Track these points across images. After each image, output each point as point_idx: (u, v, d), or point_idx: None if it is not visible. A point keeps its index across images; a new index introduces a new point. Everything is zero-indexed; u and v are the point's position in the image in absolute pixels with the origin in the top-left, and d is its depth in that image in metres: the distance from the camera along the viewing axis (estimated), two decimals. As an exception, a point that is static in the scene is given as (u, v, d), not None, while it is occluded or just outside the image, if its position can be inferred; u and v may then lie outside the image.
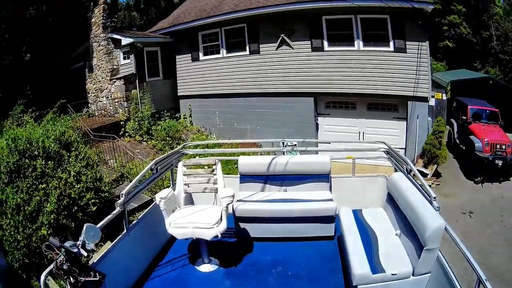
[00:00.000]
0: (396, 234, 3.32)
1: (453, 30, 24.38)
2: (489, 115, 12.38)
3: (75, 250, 2.57)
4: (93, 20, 14.11)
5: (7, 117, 12.42)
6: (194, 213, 3.70)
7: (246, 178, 4.50)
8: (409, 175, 3.58)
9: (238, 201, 4.12)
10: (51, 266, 2.56)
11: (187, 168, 4.18)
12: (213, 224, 3.42)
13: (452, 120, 13.27)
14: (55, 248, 2.57)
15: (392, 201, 3.58)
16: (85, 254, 2.64)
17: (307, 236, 4.06)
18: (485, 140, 10.76)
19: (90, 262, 2.96)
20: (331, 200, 4.04)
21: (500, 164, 10.49)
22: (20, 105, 12.83)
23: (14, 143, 6.71)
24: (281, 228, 4.05)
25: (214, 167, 4.06)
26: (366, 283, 2.82)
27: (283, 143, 4.76)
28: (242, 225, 4.15)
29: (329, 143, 5.83)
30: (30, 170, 6.54)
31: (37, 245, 6.21)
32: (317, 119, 11.51)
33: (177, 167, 4.30)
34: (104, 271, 2.75)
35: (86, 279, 2.62)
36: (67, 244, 2.57)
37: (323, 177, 4.35)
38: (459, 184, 11.53)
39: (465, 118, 12.09)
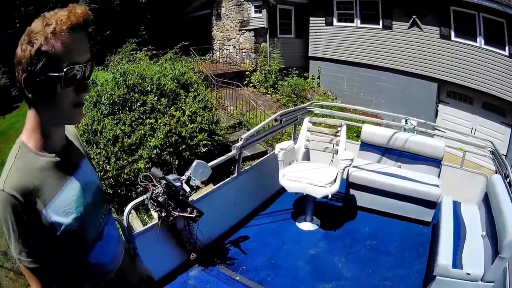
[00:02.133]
0: (481, 235, 3.31)
1: None
2: None
3: (178, 184, 2.49)
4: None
5: (116, 52, 12.46)
6: (310, 170, 3.78)
7: (366, 146, 4.54)
8: (505, 180, 3.54)
9: (353, 167, 4.16)
10: (144, 196, 2.51)
11: (313, 125, 4.26)
12: (327, 183, 3.46)
13: None
14: (153, 180, 2.49)
15: (486, 202, 3.55)
16: (187, 189, 2.57)
17: (406, 216, 4.09)
18: None
19: (190, 200, 2.93)
20: (437, 186, 4.03)
21: None
22: (132, 44, 12.91)
23: (123, 77, 6.56)
24: (386, 202, 4.07)
25: (339, 128, 4.11)
26: (444, 275, 2.85)
27: (406, 120, 4.82)
28: (352, 191, 4.21)
29: (443, 131, 6.15)
30: (138, 104, 6.41)
31: (128, 177, 6.06)
32: (437, 105, 11.60)
33: (301, 122, 4.36)
34: (203, 209, 2.76)
35: (181, 214, 2.59)
36: (170, 177, 2.50)
37: (435, 162, 4.33)
38: None
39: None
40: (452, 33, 10.97)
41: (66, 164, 1.15)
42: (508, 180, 3.49)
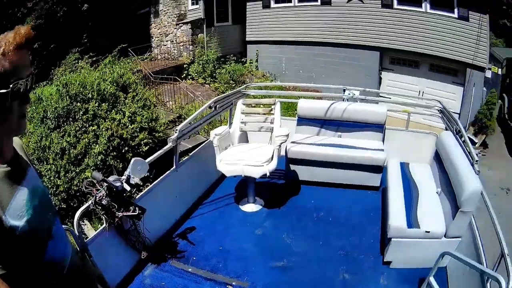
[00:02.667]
0: (436, 192, 3.30)
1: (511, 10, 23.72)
2: None
3: (118, 184, 2.51)
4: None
5: (60, 65, 12.35)
6: (246, 151, 3.73)
7: (303, 121, 4.51)
8: (457, 136, 3.53)
9: (292, 142, 4.14)
10: (89, 202, 2.49)
11: (246, 107, 4.19)
12: (264, 162, 3.42)
13: (505, 95, 13.37)
14: (96, 184, 2.50)
15: (438, 159, 3.55)
16: (128, 188, 2.58)
17: (354, 184, 4.08)
18: None
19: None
20: (382, 150, 4.03)
21: None
22: (75, 53, 12.83)
23: (66, 88, 6.61)
24: (330, 173, 4.06)
25: (273, 106, 4.07)
26: (400, 236, 2.83)
27: (344, 90, 4.78)
28: (292, 167, 4.18)
29: (389, 97, 6.00)
30: (81, 113, 6.48)
31: (78, 189, 6.10)
32: (380, 73, 11.66)
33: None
34: (147, 206, 2.73)
35: (124, 214, 2.57)
36: (110, 178, 2.52)
37: (378, 127, 4.32)
38: (502, 159, 11.49)
39: (514, 95, 12.12)
40: (395, 1, 11.00)
41: (16, 173, 1.21)
42: (460, 136, 3.47)
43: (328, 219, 3.60)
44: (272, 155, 3.51)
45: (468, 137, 12.94)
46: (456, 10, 10.33)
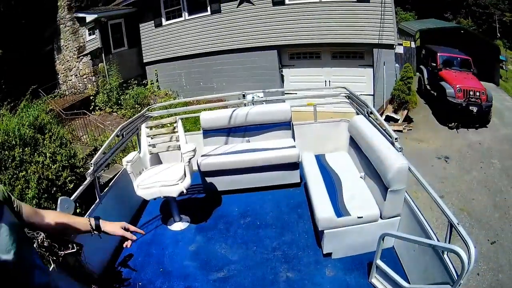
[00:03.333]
0: (360, 177, 3.30)
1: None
2: (461, 63, 12.51)
3: None
4: (58, 3, 14.05)
5: None
6: (159, 173, 3.70)
7: (209, 132, 4.48)
8: (370, 118, 3.54)
9: (202, 156, 4.10)
10: (34, 244, 2.48)
11: (150, 129, 4.17)
12: (177, 180, 3.40)
13: (422, 67, 13.32)
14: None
15: (354, 145, 3.56)
16: None
17: (274, 184, 4.07)
18: (457, 86, 10.84)
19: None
20: (293, 147, 4.02)
21: (475, 111, 10.53)
22: None
23: None
24: (247, 178, 4.04)
25: (175, 124, 4.05)
26: (331, 227, 2.80)
27: (243, 95, 4.77)
28: (208, 179, 4.14)
29: (294, 92, 5.74)
30: (9, 160, 6.51)
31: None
32: (282, 70, 11.56)
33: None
34: (83, 241, 2.69)
35: (65, 252, 2.53)
36: None
37: (285, 125, 4.33)
38: (432, 130, 11.50)
39: (434, 64, 12.16)
40: None
41: None
42: (374, 117, 3.48)
43: (256, 223, 3.59)
44: (184, 172, 3.51)
45: (388, 115, 12.33)
46: None
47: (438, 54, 12.23)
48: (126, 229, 1.99)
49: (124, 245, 2.04)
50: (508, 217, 7.39)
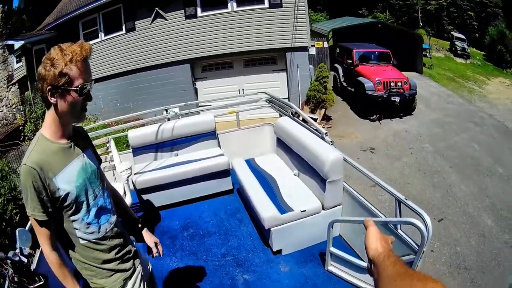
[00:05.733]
0: (294, 175, 3.39)
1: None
2: (379, 56, 12.82)
3: (17, 258, 2.56)
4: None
5: None
6: None
7: (138, 150, 4.48)
8: (295, 118, 3.63)
9: (135, 174, 4.11)
10: (6, 283, 2.52)
11: None
12: None
13: (337, 65, 13.62)
14: (2, 263, 2.54)
15: (283, 145, 3.65)
16: (25, 260, 2.62)
17: (209, 194, 4.12)
18: (376, 79, 11.06)
19: (33, 267, 2.92)
20: (222, 155, 4.08)
21: (398, 101, 10.88)
22: None
23: None
24: (182, 191, 4.08)
25: (108, 145, 4.05)
26: (278, 224, 2.87)
27: (166, 110, 4.81)
28: (145, 197, 4.17)
29: (210, 104, 5.93)
30: None
31: None
32: (195, 83, 11.66)
33: None
34: (46, 271, 2.67)
35: (34, 286, 2.56)
36: (10, 254, 2.56)
37: (210, 135, 4.40)
38: (352, 124, 11.80)
39: (350, 61, 12.45)
40: (199, 10, 11.01)
41: (71, 150, 1.60)
42: (298, 116, 3.59)
43: (200, 233, 3.61)
44: (124, 191, 3.50)
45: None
46: (266, 0, 10.41)
47: (354, 50, 12.46)
48: (156, 245, 2.08)
49: (154, 254, 2.10)
50: (452, 194, 7.68)
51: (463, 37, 23.44)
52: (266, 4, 10.49)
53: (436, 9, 26.15)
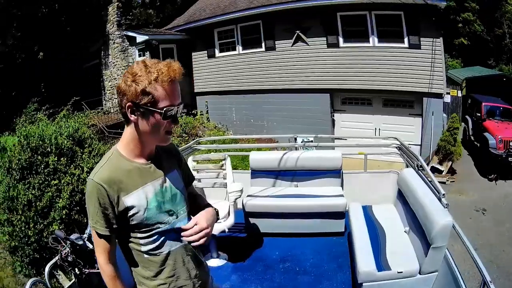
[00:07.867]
0: (405, 231, 3.28)
1: (467, 27, 24.06)
2: (503, 112, 12.18)
3: (80, 242, 2.63)
4: (107, 17, 14.26)
5: (21, 114, 12.65)
6: None
7: (257, 173, 4.47)
8: (419, 171, 3.52)
9: (248, 196, 4.09)
10: (56, 258, 2.63)
11: (197, 163, 4.15)
12: (221, 218, 3.36)
13: (467, 117, 13.17)
14: (61, 241, 2.66)
15: (402, 198, 3.53)
16: (90, 246, 2.65)
17: (317, 232, 4.03)
18: (499, 137, 10.58)
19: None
20: (341, 196, 4.00)
21: None
22: (34, 103, 13.11)
23: (26, 140, 6.84)
24: (291, 223, 4.02)
25: (223, 161, 4.04)
26: (371, 280, 2.79)
27: (295, 138, 4.80)
28: (252, 220, 4.14)
29: (344, 139, 5.80)
30: (42, 166, 6.66)
31: (48, 240, 6.10)
32: (333, 115, 11.44)
33: None
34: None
35: (91, 271, 2.67)
36: (73, 236, 2.64)
37: (334, 173, 4.30)
38: (473, 181, 11.35)
39: (479, 115, 11.91)
40: (341, 40, 10.89)
41: (149, 171, 1.52)
42: (423, 171, 3.48)
43: (295, 269, 3.55)
44: (229, 211, 3.51)
45: (433, 166, 12.35)
46: (406, 40, 10.16)
47: (483, 104, 11.97)
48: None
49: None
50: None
51: None
52: (406, 44, 10.24)
53: None
